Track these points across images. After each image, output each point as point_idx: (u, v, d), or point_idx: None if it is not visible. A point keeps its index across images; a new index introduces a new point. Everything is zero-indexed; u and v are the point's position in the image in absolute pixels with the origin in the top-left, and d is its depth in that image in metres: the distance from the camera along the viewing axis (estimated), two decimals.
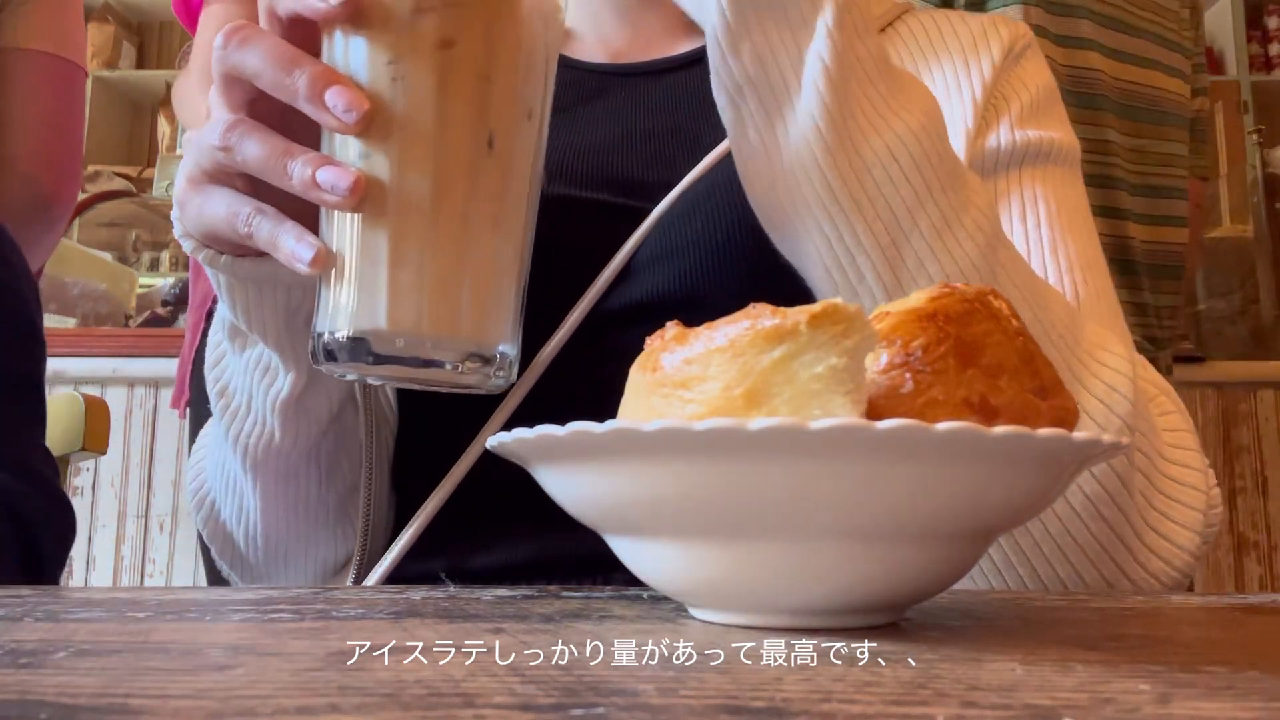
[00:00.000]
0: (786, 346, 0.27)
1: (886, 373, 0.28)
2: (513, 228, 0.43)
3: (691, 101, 0.68)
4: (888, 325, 0.29)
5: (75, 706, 0.20)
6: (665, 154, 0.65)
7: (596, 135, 0.67)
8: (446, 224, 0.40)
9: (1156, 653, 0.26)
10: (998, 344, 0.29)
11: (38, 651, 0.26)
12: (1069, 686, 0.22)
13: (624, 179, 0.64)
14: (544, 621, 0.31)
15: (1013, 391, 0.28)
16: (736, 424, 0.25)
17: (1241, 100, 2.88)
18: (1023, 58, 0.67)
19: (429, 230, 0.40)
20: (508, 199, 0.42)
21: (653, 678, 0.22)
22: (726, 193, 0.60)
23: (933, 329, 0.28)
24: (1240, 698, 0.21)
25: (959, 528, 0.29)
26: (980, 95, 0.64)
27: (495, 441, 0.31)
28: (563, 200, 0.62)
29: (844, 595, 0.29)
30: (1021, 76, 0.66)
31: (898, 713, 0.19)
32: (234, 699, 0.21)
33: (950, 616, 0.34)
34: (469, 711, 0.19)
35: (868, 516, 0.27)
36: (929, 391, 0.27)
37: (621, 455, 0.28)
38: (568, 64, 0.71)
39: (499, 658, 0.25)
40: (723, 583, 0.29)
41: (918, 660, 0.25)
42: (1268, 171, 2.83)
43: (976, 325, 0.29)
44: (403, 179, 0.40)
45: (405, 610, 0.35)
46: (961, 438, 0.25)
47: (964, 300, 0.29)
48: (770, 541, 0.28)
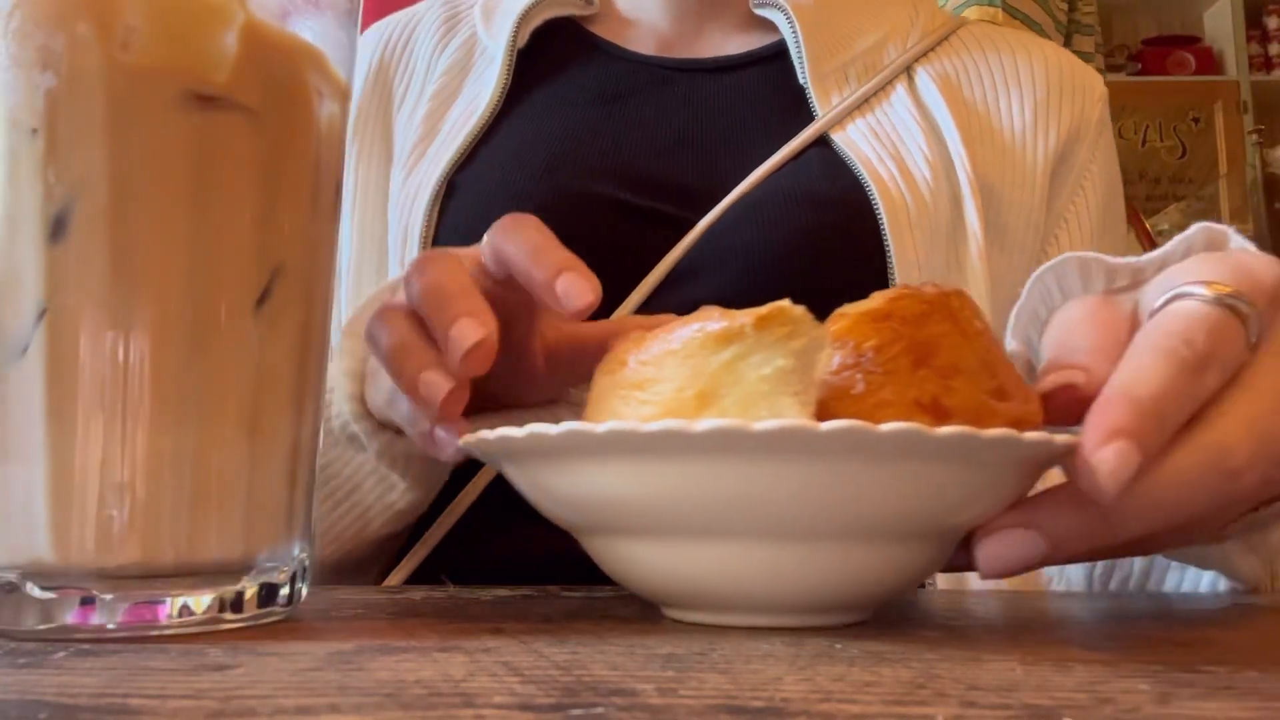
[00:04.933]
0: (735, 348, 0.27)
1: (839, 374, 0.28)
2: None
3: (744, 106, 0.68)
4: (842, 327, 0.29)
5: (75, 706, 0.20)
6: (716, 164, 0.65)
7: (648, 136, 0.66)
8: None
9: (1156, 653, 0.26)
10: (954, 345, 0.29)
11: (38, 651, 0.26)
12: (1069, 686, 0.22)
13: (675, 186, 0.63)
14: (544, 621, 0.31)
15: (967, 393, 0.28)
16: (683, 425, 0.25)
17: (1241, 100, 2.88)
18: (1096, 147, 0.68)
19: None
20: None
21: (653, 678, 0.22)
22: (778, 206, 0.60)
23: (886, 330, 0.28)
24: (1239, 698, 0.21)
25: (914, 528, 0.29)
26: (1054, 154, 0.66)
27: (463, 442, 0.33)
28: (611, 202, 0.62)
29: (801, 594, 0.29)
30: (1085, 193, 0.67)
31: (898, 713, 0.19)
32: (234, 699, 0.21)
33: (950, 616, 0.34)
34: (469, 711, 0.19)
35: (816, 516, 0.27)
36: (880, 392, 0.27)
37: (575, 456, 0.28)
38: (619, 53, 0.71)
39: (499, 658, 0.25)
40: (681, 582, 0.30)
41: (918, 660, 0.25)
42: (1267, 171, 2.83)
43: (933, 326, 0.29)
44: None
45: (405, 610, 0.35)
46: (904, 438, 0.25)
47: (922, 302, 0.29)
48: (723, 541, 0.28)
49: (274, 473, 0.31)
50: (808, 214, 0.60)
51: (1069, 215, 0.67)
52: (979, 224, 0.62)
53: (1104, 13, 3.02)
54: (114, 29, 0.29)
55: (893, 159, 0.63)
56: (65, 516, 0.28)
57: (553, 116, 0.67)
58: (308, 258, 0.32)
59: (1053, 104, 0.67)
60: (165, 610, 0.29)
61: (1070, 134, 0.67)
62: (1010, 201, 0.65)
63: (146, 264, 0.29)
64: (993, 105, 0.68)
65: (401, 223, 0.65)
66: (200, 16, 0.30)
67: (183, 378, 0.29)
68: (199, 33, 0.30)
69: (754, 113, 0.67)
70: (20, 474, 0.29)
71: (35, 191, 0.29)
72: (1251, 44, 2.98)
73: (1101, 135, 0.69)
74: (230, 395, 0.30)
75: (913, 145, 0.64)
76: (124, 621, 0.28)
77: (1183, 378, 0.30)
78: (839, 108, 0.65)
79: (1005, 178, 0.65)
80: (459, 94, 0.70)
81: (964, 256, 0.62)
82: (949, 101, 0.66)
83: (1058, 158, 0.67)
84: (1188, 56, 3.03)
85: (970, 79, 0.69)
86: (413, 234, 0.64)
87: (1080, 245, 0.66)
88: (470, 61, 0.71)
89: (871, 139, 0.64)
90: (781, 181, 0.62)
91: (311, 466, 0.34)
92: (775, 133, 0.65)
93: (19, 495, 0.29)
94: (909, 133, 0.65)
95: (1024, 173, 0.66)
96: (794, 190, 0.62)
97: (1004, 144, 0.66)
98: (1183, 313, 0.32)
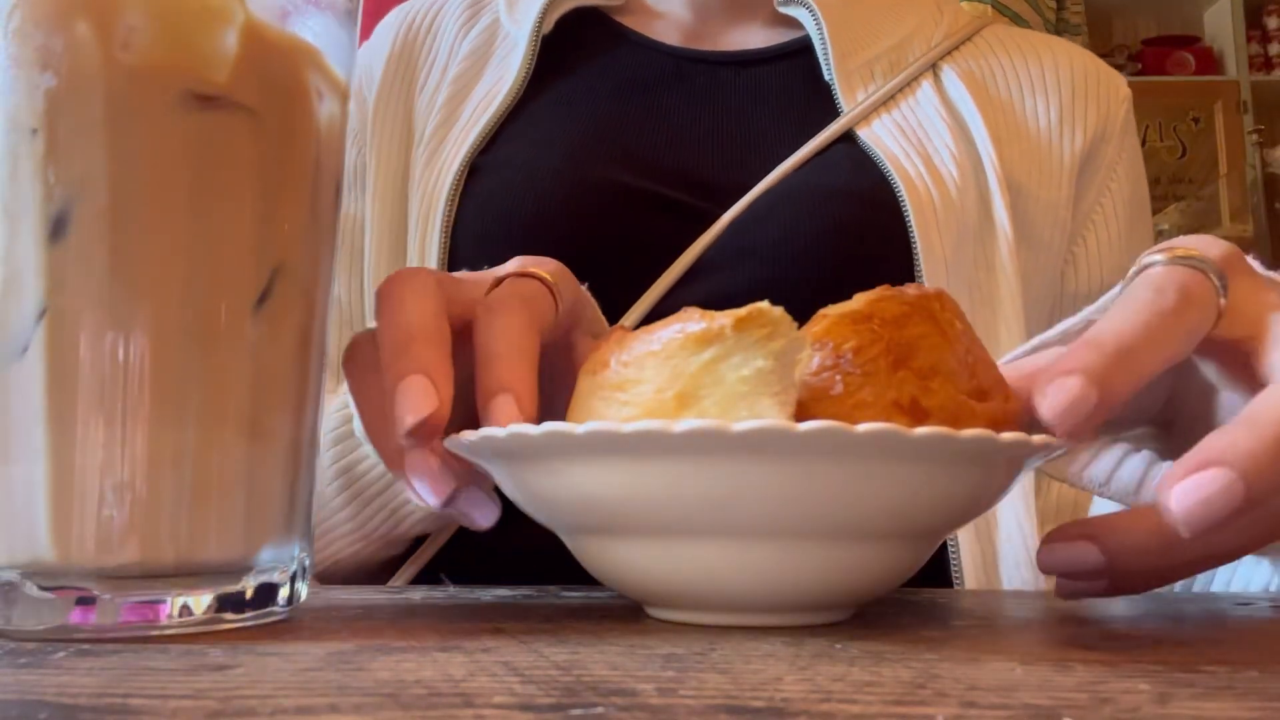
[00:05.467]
0: (714, 350, 0.27)
1: (818, 375, 0.28)
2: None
3: (769, 101, 0.68)
4: (822, 328, 0.29)
5: (75, 706, 0.20)
6: (740, 158, 0.65)
7: (673, 128, 0.66)
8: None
9: (1156, 653, 0.26)
10: (933, 346, 0.29)
11: (38, 651, 0.26)
12: (1069, 686, 0.22)
13: (699, 179, 0.63)
14: (544, 621, 0.31)
15: (946, 393, 0.28)
16: (662, 425, 0.25)
17: (1241, 100, 2.88)
18: (1122, 148, 0.68)
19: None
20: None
21: (653, 678, 0.22)
22: (803, 201, 0.60)
23: (866, 331, 0.28)
24: (1240, 698, 0.21)
25: (891, 527, 0.29)
26: (1081, 155, 0.66)
27: (446, 442, 0.32)
28: (634, 191, 0.62)
29: (779, 593, 0.29)
30: (1113, 193, 0.67)
31: (898, 713, 0.19)
32: (234, 699, 0.21)
33: (950, 616, 0.34)
34: (469, 711, 0.19)
35: (793, 516, 0.27)
36: (858, 393, 0.28)
37: (556, 456, 0.28)
38: (644, 43, 0.71)
39: (499, 658, 0.25)
40: (660, 580, 0.30)
41: (918, 660, 0.25)
42: (1267, 171, 2.83)
43: (913, 328, 0.29)
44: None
45: (405, 610, 0.35)
46: (881, 438, 0.25)
47: (903, 303, 0.29)
48: (701, 541, 0.28)
49: (274, 473, 0.31)
50: (833, 210, 0.60)
51: (1095, 217, 0.67)
52: (1009, 222, 0.62)
53: (1104, 13, 3.03)
54: (114, 29, 0.29)
55: (919, 156, 0.63)
56: (65, 516, 0.28)
57: (576, 104, 0.67)
58: (308, 258, 0.32)
59: (1078, 105, 0.67)
60: (165, 610, 0.29)
61: (1096, 135, 0.67)
62: (1037, 200, 0.65)
63: (146, 264, 0.29)
64: (1019, 105, 0.68)
65: (423, 206, 0.65)
66: (200, 16, 0.30)
67: (183, 378, 0.29)
68: (199, 33, 0.30)
69: (779, 107, 0.67)
70: (20, 474, 0.29)
71: (35, 191, 0.29)
72: (1251, 44, 2.98)
73: (1127, 136, 0.69)
74: (230, 395, 0.30)
75: (939, 143, 0.64)
76: (124, 621, 0.28)
77: (1156, 319, 0.31)
78: (865, 103, 0.65)
79: (1032, 177, 0.65)
80: (480, 78, 0.69)
81: (993, 255, 0.62)
82: (976, 98, 0.66)
83: (1084, 158, 0.67)
84: (1188, 56, 3.03)
85: (996, 78, 0.69)
86: (434, 218, 0.63)
87: (1107, 246, 0.66)
88: (492, 47, 0.71)
89: (898, 135, 0.64)
90: (807, 177, 0.62)
91: (312, 466, 0.34)
92: (800, 128, 0.65)
93: (19, 495, 0.29)
94: (935, 130, 0.65)
95: (1051, 172, 0.65)
96: (820, 186, 0.61)
97: (1031, 142, 0.66)
98: (1149, 275, 0.33)
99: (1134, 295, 0.32)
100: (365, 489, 0.51)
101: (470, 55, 0.70)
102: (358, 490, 0.51)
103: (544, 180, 0.61)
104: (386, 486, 0.51)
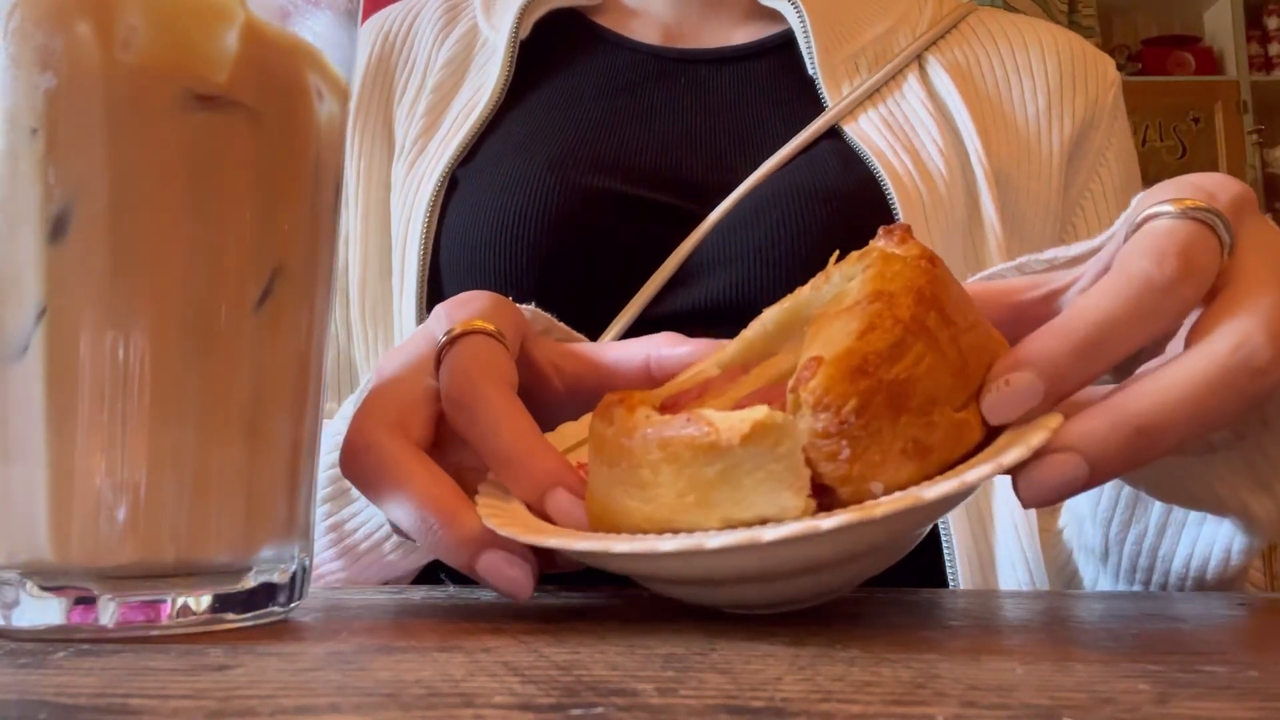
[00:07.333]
0: (725, 462, 0.28)
1: (825, 438, 0.28)
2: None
3: (752, 98, 0.67)
4: (820, 385, 0.28)
5: (75, 706, 0.20)
6: (726, 157, 0.64)
7: (656, 130, 0.66)
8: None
9: (1156, 653, 0.26)
10: (928, 370, 0.29)
11: (38, 651, 0.26)
12: (1069, 686, 0.22)
13: (684, 181, 0.63)
14: (544, 621, 0.31)
15: (945, 423, 0.29)
16: (698, 541, 0.27)
17: (1241, 100, 2.88)
18: (1111, 133, 0.68)
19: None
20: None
21: (652, 678, 0.22)
22: (790, 203, 0.60)
23: (864, 383, 0.28)
24: (1240, 698, 0.21)
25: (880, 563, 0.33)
26: (1069, 141, 0.66)
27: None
28: (619, 197, 0.61)
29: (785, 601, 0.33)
30: (1102, 178, 0.67)
31: (898, 713, 0.19)
32: (234, 699, 0.21)
33: (949, 616, 0.34)
34: (469, 711, 0.19)
35: (797, 573, 0.31)
36: (866, 455, 0.28)
37: (597, 561, 0.31)
38: (623, 44, 0.70)
39: (499, 658, 0.25)
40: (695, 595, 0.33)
41: (918, 660, 0.25)
42: (1268, 171, 2.83)
43: (907, 355, 0.28)
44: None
45: (405, 610, 0.35)
46: (897, 519, 0.27)
47: (895, 324, 0.29)
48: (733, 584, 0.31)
49: (274, 473, 0.31)
50: (821, 210, 0.60)
51: (1085, 203, 0.66)
52: (996, 216, 0.62)
53: (1104, 13, 3.03)
54: (114, 29, 0.29)
55: (906, 151, 0.62)
56: (65, 516, 0.28)
57: (557, 110, 0.67)
58: (308, 258, 0.32)
59: (1066, 91, 0.67)
60: (165, 610, 0.29)
61: (1084, 120, 0.67)
62: (1026, 190, 0.64)
63: (146, 264, 0.29)
64: (1005, 93, 0.67)
65: (403, 218, 0.65)
66: (200, 16, 0.30)
67: (183, 378, 0.29)
68: (199, 32, 0.30)
69: (763, 104, 0.67)
70: (20, 474, 0.29)
71: (35, 191, 0.29)
72: (1251, 44, 2.98)
73: (1116, 120, 0.68)
74: (230, 395, 0.30)
75: (926, 137, 0.63)
76: (124, 621, 0.28)
77: (1148, 295, 0.30)
78: (850, 98, 0.65)
79: (1020, 167, 0.65)
80: (460, 87, 0.69)
81: (982, 249, 0.62)
82: (962, 91, 0.66)
83: (1073, 144, 0.66)
84: (1188, 56, 3.04)
85: (982, 67, 0.68)
86: (414, 230, 0.63)
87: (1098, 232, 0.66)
88: (471, 54, 0.70)
89: (884, 130, 0.63)
90: (793, 176, 0.62)
91: (312, 467, 0.34)
92: (785, 125, 0.64)
93: (19, 495, 0.29)
94: (922, 124, 0.64)
95: (1039, 161, 0.65)
96: (807, 185, 0.61)
97: (1018, 132, 0.66)
98: (1154, 231, 0.32)
99: (1129, 265, 0.31)
100: (355, 545, 0.50)
101: (449, 64, 0.70)
102: (348, 546, 0.50)
103: (526, 189, 0.61)
104: (378, 544, 0.50)
